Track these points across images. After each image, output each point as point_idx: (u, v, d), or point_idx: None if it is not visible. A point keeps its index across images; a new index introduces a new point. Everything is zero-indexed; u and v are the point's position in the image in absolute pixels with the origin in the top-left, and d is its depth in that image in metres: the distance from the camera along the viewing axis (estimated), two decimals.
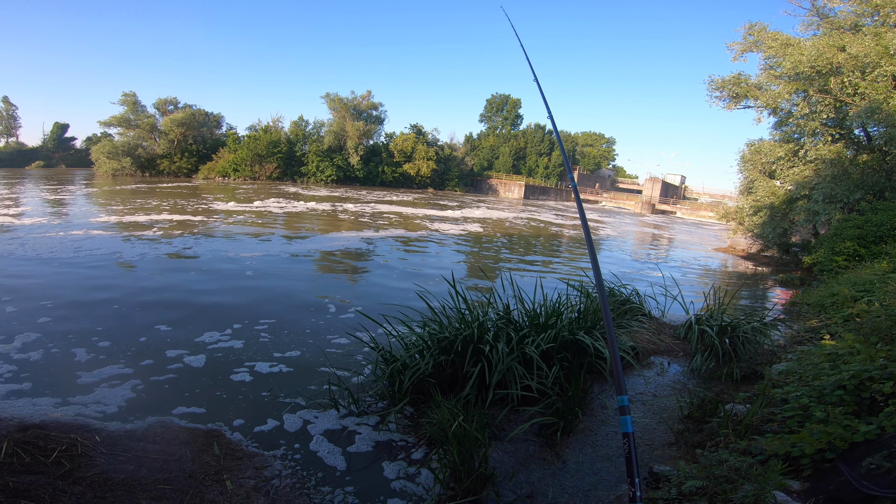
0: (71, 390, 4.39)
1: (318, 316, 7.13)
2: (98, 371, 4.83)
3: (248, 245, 13.01)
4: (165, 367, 5.05)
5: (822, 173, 15.53)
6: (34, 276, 8.40)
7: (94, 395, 4.34)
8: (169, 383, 4.70)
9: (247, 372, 5.04)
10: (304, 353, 5.69)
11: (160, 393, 4.49)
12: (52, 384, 4.50)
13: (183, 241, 12.91)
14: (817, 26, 16.96)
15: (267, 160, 50.62)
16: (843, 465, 2.42)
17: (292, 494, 3.09)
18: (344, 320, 6.93)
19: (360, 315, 5.91)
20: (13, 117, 59.49)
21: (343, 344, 6.00)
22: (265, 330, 6.32)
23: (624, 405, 1.29)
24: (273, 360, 5.40)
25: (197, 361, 5.23)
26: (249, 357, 5.42)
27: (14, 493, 2.60)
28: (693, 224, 45.14)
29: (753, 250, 21.88)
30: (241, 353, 5.51)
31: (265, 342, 5.91)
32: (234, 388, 4.68)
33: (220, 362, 5.25)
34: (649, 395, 4.74)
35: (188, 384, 4.69)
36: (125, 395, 4.39)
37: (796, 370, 4.29)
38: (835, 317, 6.69)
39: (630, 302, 7.09)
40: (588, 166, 71.04)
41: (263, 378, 4.94)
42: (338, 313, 7.32)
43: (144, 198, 25.47)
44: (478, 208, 36.18)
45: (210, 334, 6.03)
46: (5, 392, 4.27)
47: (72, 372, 4.78)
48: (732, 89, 18.52)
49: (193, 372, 4.99)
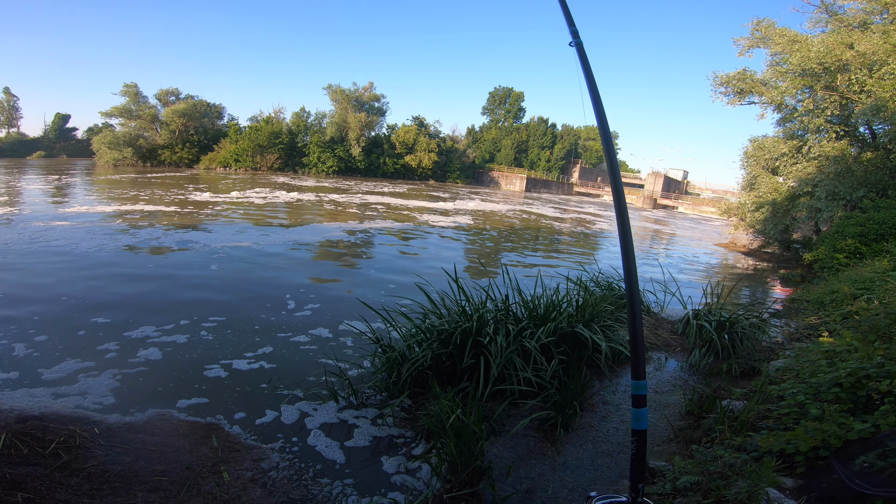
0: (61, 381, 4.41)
1: (296, 308, 7.14)
2: (71, 364, 4.85)
3: (221, 236, 12.60)
4: (129, 360, 5.05)
5: (825, 170, 15.49)
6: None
7: (80, 386, 4.36)
8: (156, 375, 4.71)
9: (222, 368, 5.00)
10: (291, 346, 5.71)
11: (150, 385, 4.52)
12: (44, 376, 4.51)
13: (149, 232, 12.41)
14: (826, 23, 16.90)
15: (268, 151, 50.54)
16: (837, 463, 2.43)
17: (289, 486, 3.11)
18: (321, 313, 6.94)
19: (335, 311, 5.89)
20: (14, 108, 59.34)
21: (324, 337, 6.01)
22: (220, 325, 6.28)
23: (640, 394, 0.97)
24: (259, 353, 5.42)
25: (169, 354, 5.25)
26: (227, 354, 5.45)
27: (11, 484, 2.61)
28: (695, 219, 45.04)
29: (754, 246, 21.83)
30: (224, 349, 5.54)
31: (236, 336, 5.93)
32: (231, 380, 4.70)
33: (207, 356, 5.28)
34: (649, 390, 4.75)
35: (180, 376, 4.71)
36: (114, 385, 4.42)
37: (794, 367, 4.30)
38: (834, 314, 6.69)
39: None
40: (590, 160, 70.71)
41: (242, 373, 4.95)
42: (307, 307, 7.33)
43: (126, 188, 24.88)
44: (472, 200, 35.75)
45: (145, 329, 6.05)
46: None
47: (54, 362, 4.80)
48: (737, 85, 18.47)
49: (173, 365, 5.01)
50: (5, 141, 54.27)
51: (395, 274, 10.00)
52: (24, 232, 11.31)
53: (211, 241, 11.74)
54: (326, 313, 6.91)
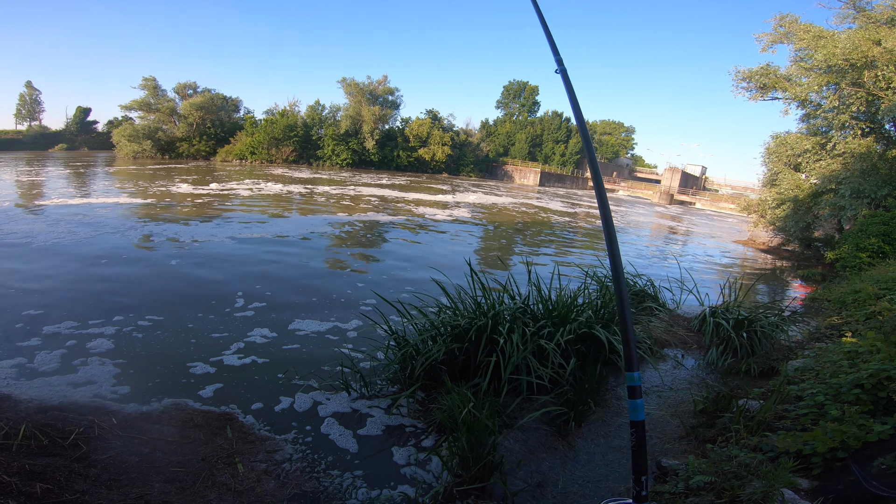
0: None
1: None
2: (89, 352, 4.96)
3: (195, 230, 12.18)
4: (146, 347, 5.17)
5: (850, 167, 15.20)
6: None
7: (98, 375, 4.46)
8: (172, 363, 4.80)
9: (235, 356, 5.12)
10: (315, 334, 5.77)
11: (166, 373, 4.60)
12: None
13: (122, 223, 12.14)
14: (853, 19, 16.58)
15: (283, 143, 50.88)
16: (855, 465, 2.39)
17: (302, 478, 3.14)
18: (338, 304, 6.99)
19: (345, 305, 5.92)
20: (36, 101, 60.44)
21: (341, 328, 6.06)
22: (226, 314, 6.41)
23: (635, 385, 1.00)
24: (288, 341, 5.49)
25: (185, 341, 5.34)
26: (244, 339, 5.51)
27: (30, 475, 2.64)
28: (712, 216, 44.32)
29: (774, 244, 21.46)
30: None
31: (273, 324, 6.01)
32: (244, 370, 4.77)
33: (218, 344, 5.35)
34: (664, 388, 4.70)
35: (195, 365, 4.79)
36: (131, 374, 4.51)
37: (813, 367, 4.22)
38: (856, 314, 6.55)
39: (644, 293, 7.01)
40: (605, 154, 69.92)
41: (257, 363, 5.02)
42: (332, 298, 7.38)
43: (111, 181, 24.62)
44: (473, 193, 35.19)
45: (154, 317, 6.14)
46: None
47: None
48: (760, 80, 18.32)
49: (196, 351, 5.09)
50: (27, 134, 55.28)
51: (403, 262, 10.05)
52: (46, 220, 11.63)
53: (219, 233, 11.95)
54: (336, 308, 6.96)
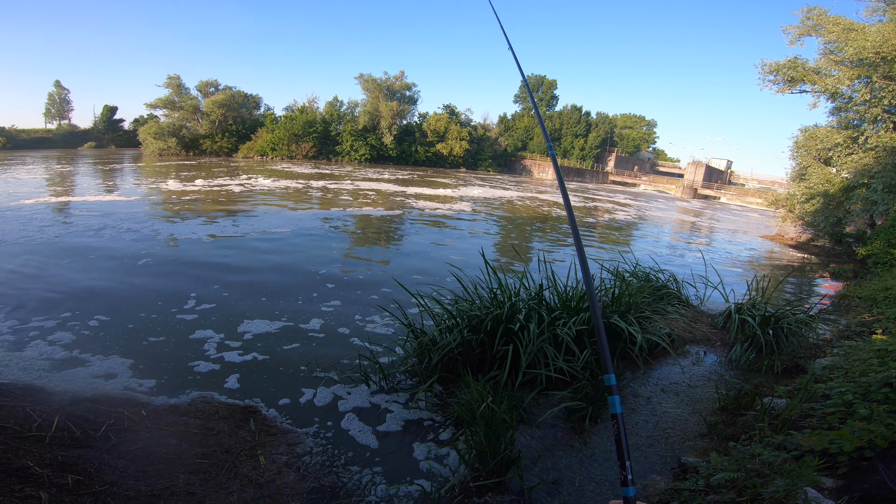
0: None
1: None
2: (119, 344, 5.10)
3: (174, 227, 12.01)
4: (176, 340, 5.30)
5: (882, 161, 14.80)
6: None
7: (128, 367, 4.60)
8: (199, 355, 4.93)
9: (258, 352, 5.21)
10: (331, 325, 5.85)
11: (193, 365, 4.72)
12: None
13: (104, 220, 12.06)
14: (883, 12, 16.13)
15: (303, 139, 51.45)
16: (881, 464, 2.33)
17: (322, 472, 3.19)
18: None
19: (362, 298, 5.96)
20: (65, 100, 62.00)
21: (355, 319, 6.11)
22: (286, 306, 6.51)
23: (611, 384, 1.32)
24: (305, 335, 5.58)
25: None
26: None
27: (62, 466, 2.73)
28: (738, 210, 43.28)
29: (803, 239, 20.91)
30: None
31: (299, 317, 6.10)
32: (272, 364, 4.87)
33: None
34: (684, 384, 4.63)
35: (219, 356, 4.91)
36: (161, 366, 4.64)
37: (842, 365, 4.11)
38: (887, 311, 6.35)
39: (666, 288, 6.90)
40: (627, 149, 68.72)
41: (282, 355, 5.11)
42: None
43: (103, 177, 24.61)
44: (492, 187, 34.67)
45: (187, 306, 6.26)
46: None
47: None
48: (787, 73, 18.04)
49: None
50: (57, 132, 56.88)
51: (423, 260, 10.07)
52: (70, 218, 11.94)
53: (255, 226, 12.12)
54: (353, 302, 7.04)
